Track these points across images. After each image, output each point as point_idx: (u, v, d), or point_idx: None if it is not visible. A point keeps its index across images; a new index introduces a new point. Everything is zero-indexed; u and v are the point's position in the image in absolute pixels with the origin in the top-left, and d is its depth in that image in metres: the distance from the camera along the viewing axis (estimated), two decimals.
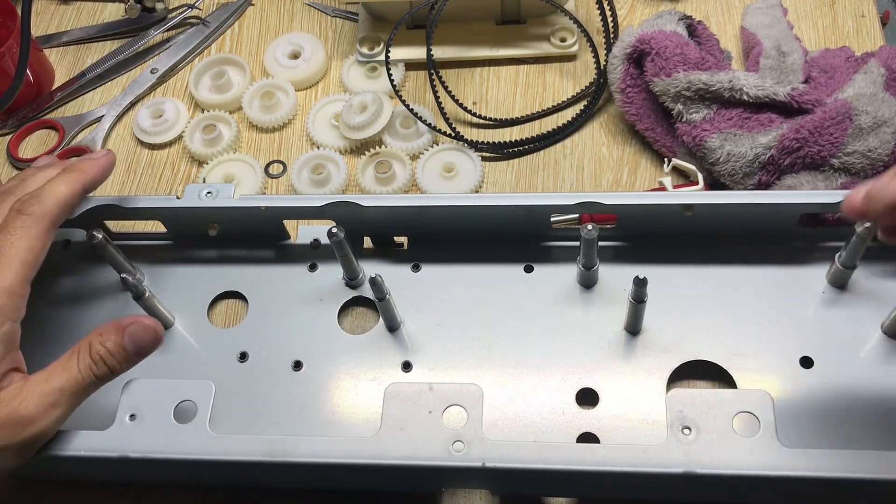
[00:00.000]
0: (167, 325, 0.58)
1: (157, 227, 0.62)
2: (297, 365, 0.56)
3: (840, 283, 0.54)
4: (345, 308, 0.58)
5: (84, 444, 0.46)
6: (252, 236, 0.60)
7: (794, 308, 0.54)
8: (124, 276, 0.54)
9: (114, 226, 0.63)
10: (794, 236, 0.56)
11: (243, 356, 0.57)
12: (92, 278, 0.61)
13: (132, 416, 0.49)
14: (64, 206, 0.50)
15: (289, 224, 0.61)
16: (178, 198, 0.57)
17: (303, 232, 0.61)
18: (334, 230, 0.53)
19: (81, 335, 0.57)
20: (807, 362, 0.52)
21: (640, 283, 0.49)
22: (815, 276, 0.55)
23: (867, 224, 0.49)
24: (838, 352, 0.52)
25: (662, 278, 0.55)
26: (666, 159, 0.65)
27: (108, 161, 0.54)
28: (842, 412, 0.50)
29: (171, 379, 0.51)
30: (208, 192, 0.57)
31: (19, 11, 0.68)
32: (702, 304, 0.55)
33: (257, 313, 0.58)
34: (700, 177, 0.62)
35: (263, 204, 0.56)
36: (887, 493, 0.42)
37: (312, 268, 0.60)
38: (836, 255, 0.54)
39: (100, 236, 0.54)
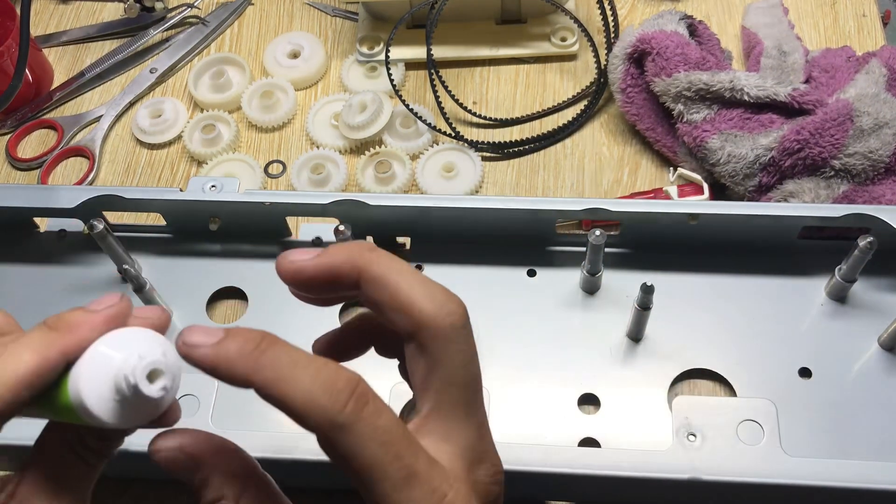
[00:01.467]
0: None
1: (155, 220, 0.62)
2: None
3: (839, 297, 0.55)
4: (346, 306, 0.58)
5: None
6: (253, 232, 0.60)
7: (794, 319, 0.54)
8: (125, 266, 0.53)
9: (110, 218, 0.63)
10: (795, 248, 0.56)
11: None
12: (88, 269, 0.61)
13: None
14: (22, 388, 0.30)
15: (290, 222, 0.61)
16: (181, 190, 0.57)
17: (304, 230, 0.61)
18: (341, 228, 0.53)
19: None
20: (805, 373, 0.52)
21: (647, 290, 0.49)
22: (815, 289, 0.55)
23: (869, 238, 0.49)
24: (836, 363, 0.52)
25: (665, 286, 0.55)
26: (671, 168, 0.65)
27: (105, 318, 0.31)
28: (839, 423, 0.50)
29: None
30: (212, 186, 0.57)
31: (18, 11, 0.68)
32: (703, 312, 0.55)
33: (257, 310, 0.58)
34: (705, 186, 0.62)
35: (268, 199, 0.56)
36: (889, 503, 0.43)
37: None
38: (837, 269, 0.54)
39: (100, 226, 0.53)
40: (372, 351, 0.45)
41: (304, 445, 0.45)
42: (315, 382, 0.29)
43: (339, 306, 0.58)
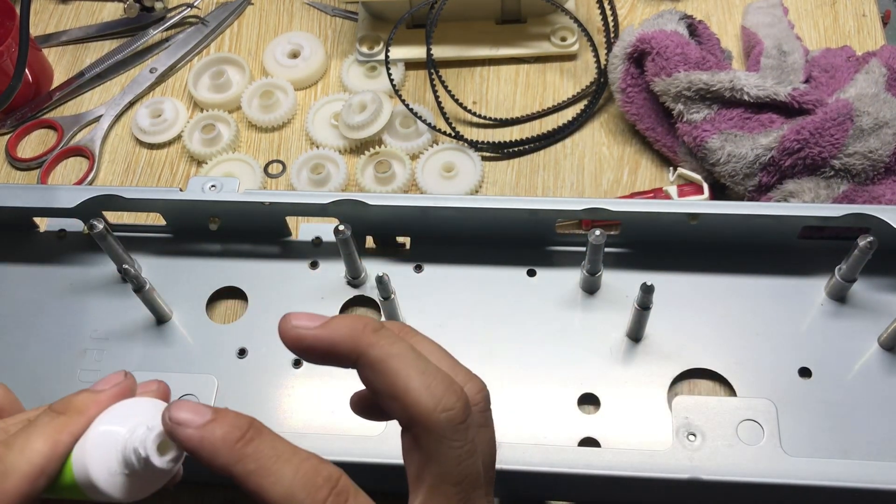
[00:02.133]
0: (165, 319, 0.58)
1: (155, 220, 0.62)
2: (297, 363, 0.56)
3: (839, 296, 0.55)
4: (346, 307, 0.58)
5: None
6: (253, 232, 0.60)
7: (794, 319, 0.54)
8: (125, 266, 0.53)
9: (110, 218, 0.63)
10: (796, 248, 0.56)
11: (242, 352, 0.56)
12: (88, 269, 0.61)
13: None
14: (39, 476, 0.30)
15: (290, 221, 0.61)
16: (181, 190, 0.57)
17: (304, 229, 0.61)
18: (341, 227, 0.53)
19: (78, 327, 0.58)
20: (805, 373, 0.52)
21: (647, 290, 0.49)
22: (815, 288, 0.55)
23: (870, 238, 0.49)
24: (836, 363, 0.52)
25: (665, 285, 0.55)
26: (671, 168, 0.65)
27: (111, 398, 0.33)
28: (839, 423, 0.50)
29: (170, 373, 0.51)
30: (212, 186, 0.57)
31: (18, 11, 0.68)
32: (703, 312, 0.55)
33: (257, 309, 0.58)
34: (705, 186, 0.62)
35: (267, 199, 0.56)
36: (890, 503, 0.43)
37: (314, 265, 0.60)
38: (837, 269, 0.54)
39: (100, 226, 0.53)
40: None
41: (304, 444, 0.45)
42: (295, 478, 0.28)
43: (338, 306, 0.58)
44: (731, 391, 0.52)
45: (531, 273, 0.58)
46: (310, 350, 0.32)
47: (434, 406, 0.30)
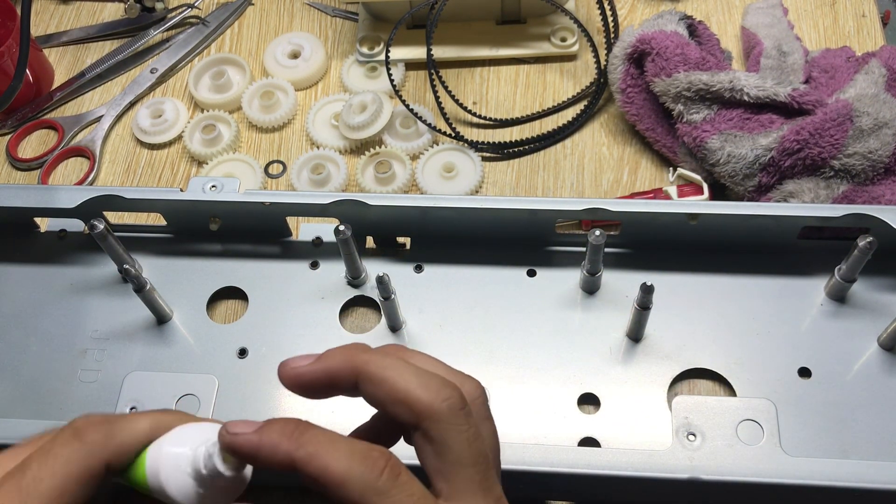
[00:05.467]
0: (165, 319, 0.58)
1: (156, 220, 0.62)
2: None
3: (839, 296, 0.55)
4: (346, 307, 0.58)
5: None
6: (254, 232, 0.60)
7: (793, 319, 0.55)
8: (126, 267, 0.53)
9: (111, 218, 0.63)
10: (795, 248, 0.56)
11: (243, 352, 0.57)
12: (88, 269, 0.61)
13: (133, 409, 0.49)
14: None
15: (290, 221, 0.61)
16: (181, 190, 0.57)
17: (305, 229, 0.61)
18: (341, 228, 0.53)
19: (78, 327, 0.58)
20: (805, 373, 0.52)
21: (646, 290, 0.49)
22: (815, 288, 0.56)
23: (869, 238, 0.49)
24: (836, 363, 0.53)
25: (665, 285, 0.55)
26: (671, 168, 0.65)
27: (142, 429, 0.33)
28: (839, 423, 0.50)
29: (170, 373, 0.51)
30: (213, 186, 0.57)
31: (19, 11, 0.68)
32: (703, 312, 0.55)
33: (257, 309, 0.58)
34: (705, 186, 0.62)
35: (268, 199, 0.56)
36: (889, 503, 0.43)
37: (314, 265, 0.60)
38: (836, 269, 0.54)
39: (101, 226, 0.53)
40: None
41: None
42: (352, 453, 0.31)
43: (339, 306, 0.58)
44: (730, 391, 0.52)
45: (531, 273, 0.58)
46: (312, 385, 0.34)
47: (434, 398, 0.32)
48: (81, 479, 0.31)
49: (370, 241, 0.61)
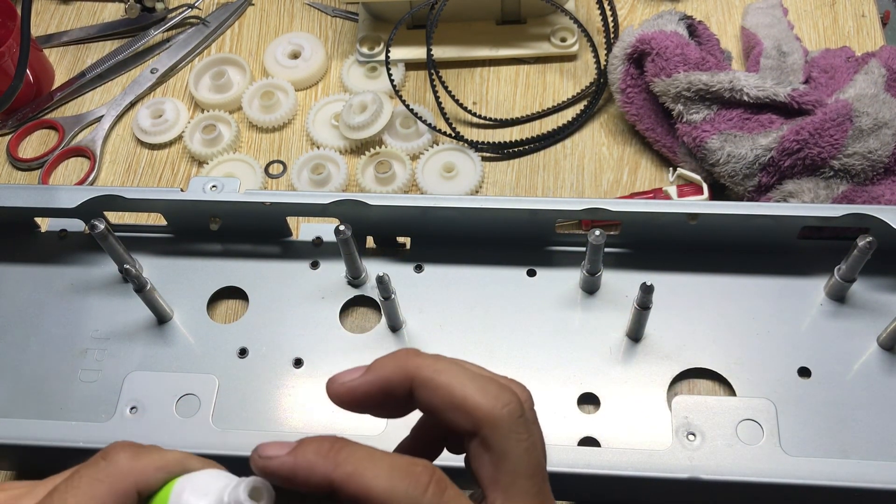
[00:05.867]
0: (166, 319, 0.58)
1: (156, 220, 0.62)
2: (298, 362, 0.56)
3: (838, 296, 0.55)
4: (346, 307, 0.58)
5: (83, 435, 0.46)
6: (254, 232, 0.60)
7: (793, 319, 0.55)
8: (126, 266, 0.53)
9: (111, 218, 0.63)
10: (795, 248, 0.56)
11: (243, 352, 0.57)
12: (88, 269, 0.61)
13: (133, 409, 0.49)
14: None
15: (291, 221, 0.61)
16: (182, 190, 0.57)
17: (305, 229, 0.61)
18: (342, 228, 0.53)
19: (79, 327, 0.58)
20: (805, 372, 0.52)
21: (646, 290, 0.49)
22: (815, 288, 0.56)
23: (869, 238, 0.50)
24: (835, 363, 0.53)
25: (664, 285, 0.55)
26: (671, 168, 0.65)
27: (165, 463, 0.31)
28: (838, 422, 0.50)
29: (170, 372, 0.51)
30: (213, 186, 0.57)
31: (19, 11, 0.68)
32: (703, 311, 0.55)
33: (257, 309, 0.58)
34: (705, 186, 0.62)
35: (268, 199, 0.56)
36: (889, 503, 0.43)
37: (314, 265, 0.60)
38: (836, 268, 0.54)
39: (101, 226, 0.53)
40: (373, 350, 0.45)
41: None
42: (394, 470, 0.29)
43: (339, 306, 0.58)
44: (730, 391, 0.52)
45: (531, 273, 0.58)
46: (367, 398, 0.32)
47: (494, 404, 0.31)
48: (108, 500, 0.29)
49: (370, 241, 0.61)
